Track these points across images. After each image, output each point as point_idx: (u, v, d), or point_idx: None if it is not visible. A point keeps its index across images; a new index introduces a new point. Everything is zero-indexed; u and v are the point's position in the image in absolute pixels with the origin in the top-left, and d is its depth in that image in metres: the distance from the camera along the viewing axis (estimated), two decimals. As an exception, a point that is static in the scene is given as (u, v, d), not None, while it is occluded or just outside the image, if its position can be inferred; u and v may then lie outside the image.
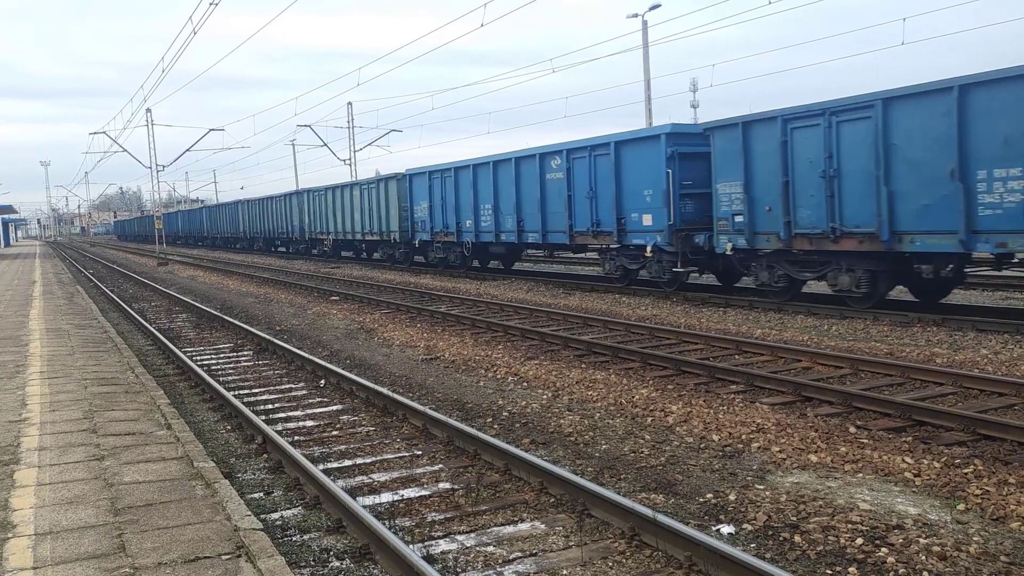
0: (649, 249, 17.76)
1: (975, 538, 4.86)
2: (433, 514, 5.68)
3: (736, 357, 10.78)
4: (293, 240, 43.38)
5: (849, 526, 5.09)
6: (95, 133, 50.58)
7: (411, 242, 29.40)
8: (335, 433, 7.99)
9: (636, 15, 33.65)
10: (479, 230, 24.67)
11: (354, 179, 34.69)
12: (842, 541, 4.89)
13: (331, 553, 5.08)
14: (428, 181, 27.33)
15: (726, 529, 5.21)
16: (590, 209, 19.56)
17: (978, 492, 5.57)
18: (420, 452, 7.18)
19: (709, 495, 5.81)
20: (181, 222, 76.03)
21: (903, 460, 6.29)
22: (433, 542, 5.20)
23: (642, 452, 6.90)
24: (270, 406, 9.24)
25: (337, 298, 20.60)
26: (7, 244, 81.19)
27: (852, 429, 7.24)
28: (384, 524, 5.16)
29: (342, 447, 7.47)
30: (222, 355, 12.97)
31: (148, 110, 50.31)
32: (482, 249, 25.66)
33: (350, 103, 52.94)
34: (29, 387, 9.44)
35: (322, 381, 10.35)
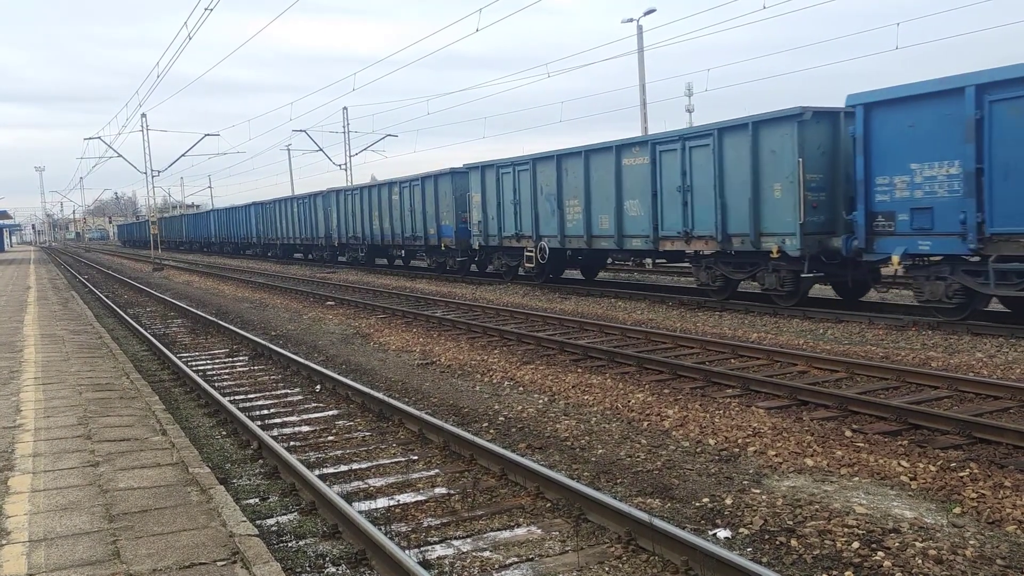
0: (776, 250, 14.54)
1: (971, 541, 4.86)
2: (429, 519, 5.67)
3: (732, 361, 10.79)
4: (316, 246, 39.74)
5: (845, 530, 5.09)
6: (90, 138, 50.61)
7: (468, 248, 25.43)
8: (331, 438, 7.98)
9: (631, 20, 33.72)
10: (565, 234, 20.41)
11: (392, 178, 31.27)
12: (838, 545, 4.89)
13: (327, 559, 5.06)
14: (496, 175, 22.99)
15: (723, 533, 5.21)
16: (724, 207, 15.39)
17: (974, 495, 5.57)
18: (416, 457, 7.17)
19: (705, 499, 5.80)
20: (187, 226, 71.38)
21: (899, 464, 6.29)
22: (429, 547, 5.18)
23: (638, 456, 6.90)
24: (265, 411, 9.22)
25: (333, 303, 20.57)
26: (1, 250, 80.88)
27: (848, 433, 7.24)
28: (380, 529, 5.14)
29: (338, 452, 7.45)
30: (217, 360, 12.94)
31: (143, 115, 50.20)
32: (561, 256, 21.90)
33: (345, 108, 53.04)
34: (23, 393, 9.40)
35: (318, 386, 10.33)
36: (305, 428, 8.43)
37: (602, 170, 18.82)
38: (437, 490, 6.28)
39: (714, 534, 5.20)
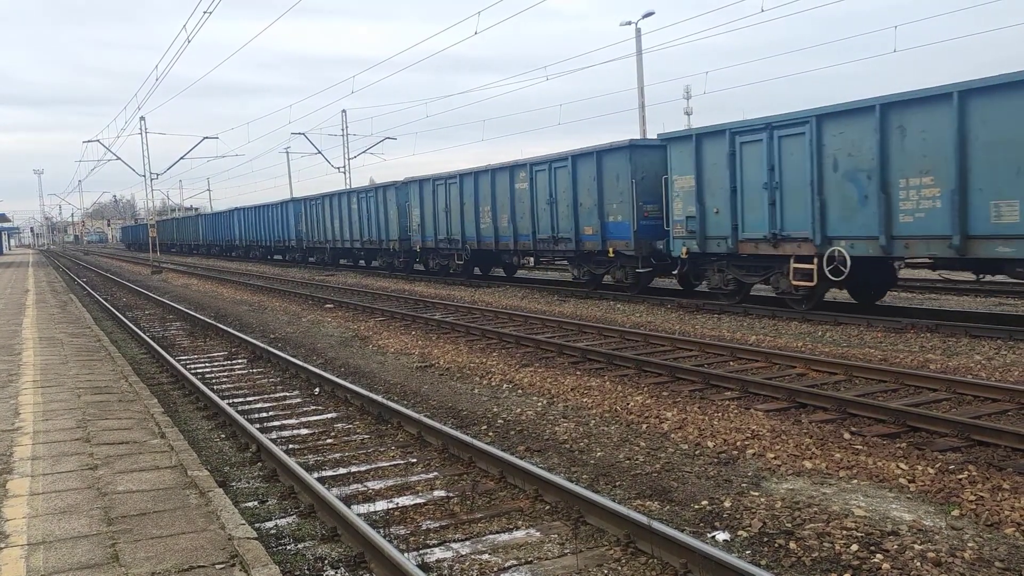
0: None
1: (970, 544, 4.87)
2: (428, 522, 5.67)
3: (731, 364, 10.79)
4: (386, 250, 31.52)
5: (844, 532, 5.09)
6: (89, 141, 50.61)
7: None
8: (329, 441, 7.98)
9: (630, 23, 33.79)
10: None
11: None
12: (837, 547, 4.90)
13: (326, 562, 5.06)
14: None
15: (721, 536, 5.21)
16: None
17: (972, 498, 5.58)
18: (415, 460, 7.16)
19: (704, 502, 5.81)
20: (203, 228, 64.51)
21: (897, 466, 6.30)
22: (428, 550, 5.18)
23: (637, 459, 6.90)
24: (264, 414, 9.22)
25: (331, 306, 20.57)
26: (0, 253, 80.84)
27: (847, 435, 7.25)
28: (379, 532, 5.14)
29: (337, 455, 7.45)
30: (216, 363, 12.94)
31: (142, 118, 50.19)
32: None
33: (344, 111, 53.08)
34: (22, 396, 9.40)
35: (316, 389, 10.33)
36: (304, 431, 8.43)
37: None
38: (436, 493, 6.28)
39: (713, 536, 5.20)
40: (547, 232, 20.98)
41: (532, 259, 25.84)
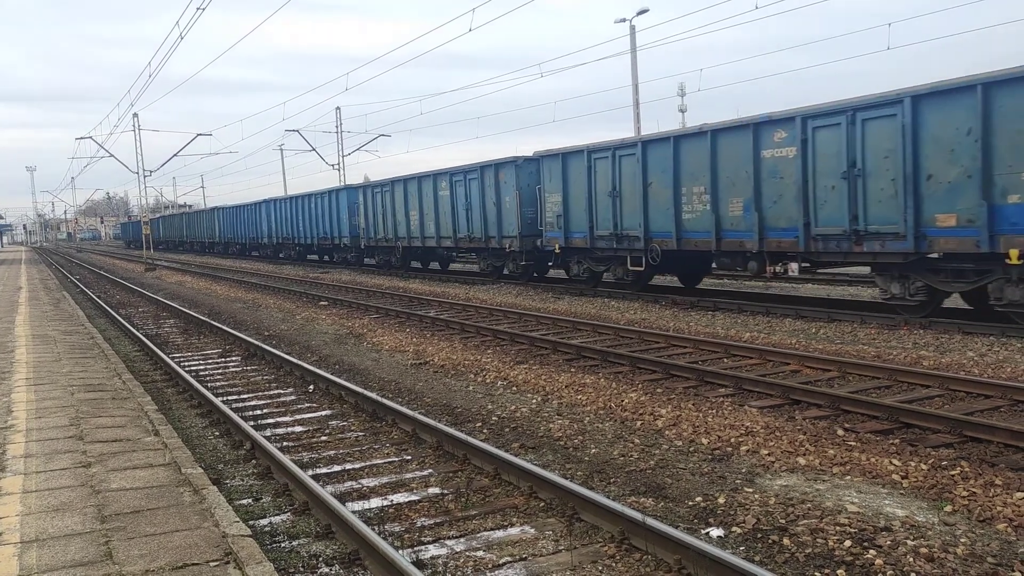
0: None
1: (962, 539, 4.89)
2: (423, 519, 5.67)
3: (725, 360, 10.82)
4: (495, 250, 25.17)
5: (837, 528, 5.11)
6: (81, 138, 50.39)
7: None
8: (324, 438, 7.97)
9: (624, 20, 33.79)
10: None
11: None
12: (830, 543, 4.91)
13: (320, 559, 5.06)
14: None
15: (715, 532, 5.23)
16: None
17: (965, 494, 5.60)
18: (409, 457, 7.16)
19: (698, 498, 5.82)
20: (220, 224, 56.89)
21: (891, 462, 6.32)
22: (423, 547, 5.19)
23: (631, 456, 6.91)
24: (258, 412, 9.21)
25: (326, 303, 20.55)
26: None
27: (840, 432, 7.27)
28: (373, 529, 5.14)
29: (331, 452, 7.45)
30: (210, 361, 12.91)
31: (135, 115, 49.99)
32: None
33: (338, 108, 52.90)
34: (15, 394, 9.37)
35: (311, 386, 10.32)
36: (298, 428, 8.42)
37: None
38: (431, 490, 6.28)
39: (707, 533, 5.22)
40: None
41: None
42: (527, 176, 21.77)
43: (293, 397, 9.92)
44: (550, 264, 22.17)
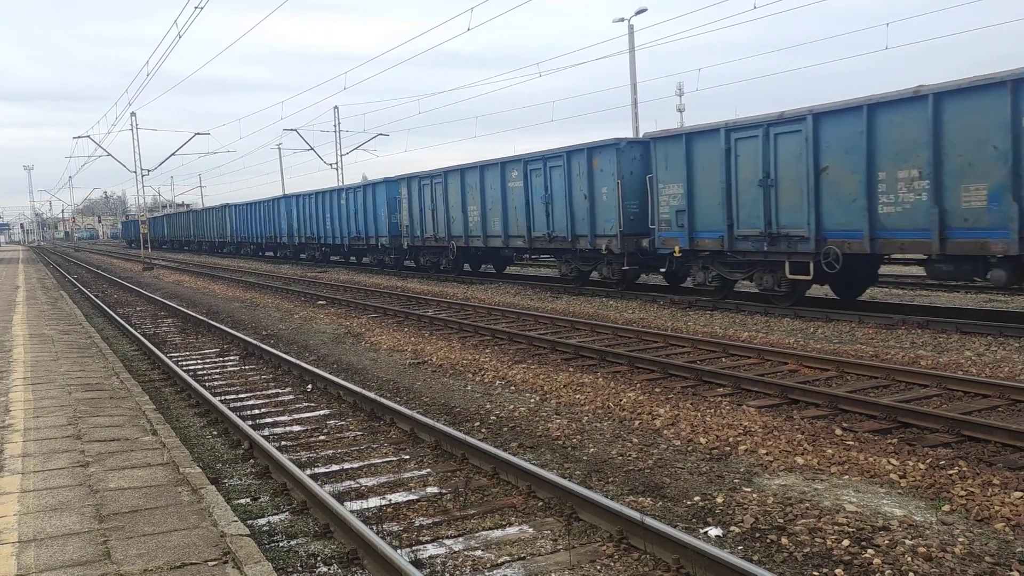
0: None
1: (960, 539, 4.89)
2: (421, 519, 5.67)
3: (723, 360, 10.82)
4: (590, 253, 21.29)
5: (835, 528, 5.12)
6: (79, 137, 50.37)
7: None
8: (322, 438, 7.97)
9: (623, 19, 33.79)
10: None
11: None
12: (829, 543, 4.92)
13: (319, 559, 5.06)
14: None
15: (714, 532, 5.23)
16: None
17: (963, 493, 5.61)
18: (408, 456, 7.16)
19: (697, 498, 5.82)
20: (232, 222, 51.52)
21: (888, 462, 6.33)
22: (421, 547, 5.18)
23: (630, 455, 6.91)
24: (256, 411, 9.20)
25: (324, 302, 20.53)
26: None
27: (838, 431, 7.28)
28: (372, 529, 5.14)
29: (329, 452, 7.44)
30: (208, 360, 12.90)
31: (133, 114, 49.99)
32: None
33: (336, 107, 52.86)
34: (12, 393, 9.35)
35: (309, 386, 10.32)
36: (296, 428, 8.42)
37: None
38: (429, 489, 6.28)
39: (705, 532, 5.22)
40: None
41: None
42: (630, 163, 17.83)
43: (291, 396, 9.92)
44: (662, 270, 18.03)
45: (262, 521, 5.74)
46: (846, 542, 4.89)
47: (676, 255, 16.67)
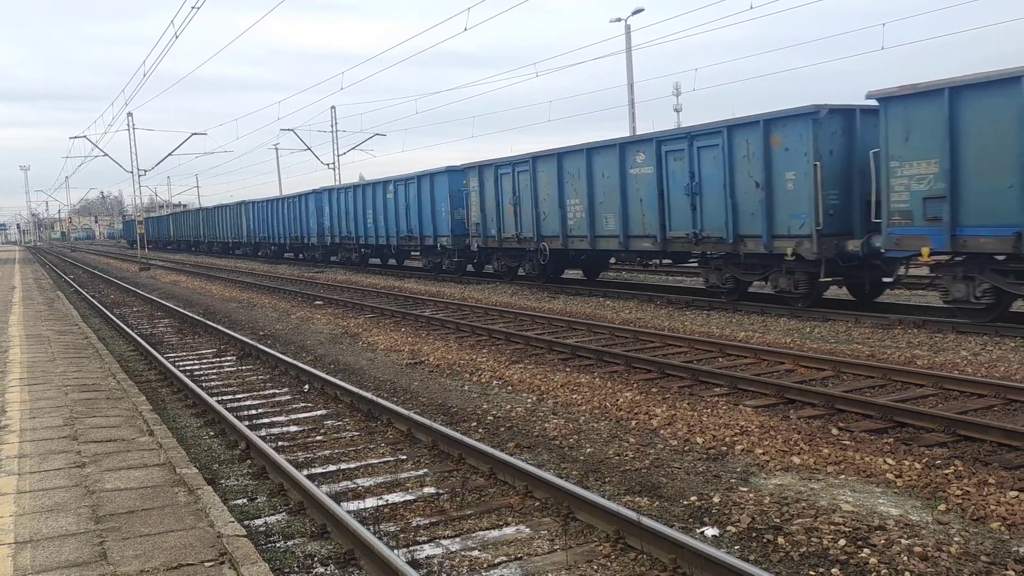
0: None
1: (956, 538, 4.90)
2: (418, 519, 5.67)
3: (720, 360, 10.83)
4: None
5: (832, 527, 5.12)
6: (76, 137, 50.27)
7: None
8: (319, 438, 7.96)
9: (619, 19, 33.81)
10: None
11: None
12: (825, 542, 4.92)
13: (315, 559, 5.06)
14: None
15: (710, 531, 5.24)
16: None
17: (959, 492, 5.62)
18: (405, 457, 7.16)
19: (693, 497, 5.83)
20: (253, 219, 46.68)
21: (885, 461, 6.34)
22: (418, 547, 5.18)
23: (627, 455, 6.92)
24: (253, 411, 9.19)
25: (321, 303, 20.52)
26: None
27: (834, 431, 7.29)
28: (369, 529, 5.14)
29: (326, 452, 7.44)
30: (205, 360, 12.89)
31: (129, 114, 49.89)
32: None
33: (333, 107, 52.82)
34: (9, 394, 9.34)
35: (306, 386, 10.31)
36: (293, 428, 8.41)
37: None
38: (426, 490, 6.28)
39: (702, 532, 5.22)
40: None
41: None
42: (828, 138, 13.43)
43: (288, 397, 9.91)
44: (888, 281, 14.34)
45: (259, 522, 5.73)
46: (842, 542, 4.90)
47: (925, 258, 12.30)
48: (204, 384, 10.68)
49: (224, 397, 9.89)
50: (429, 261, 27.64)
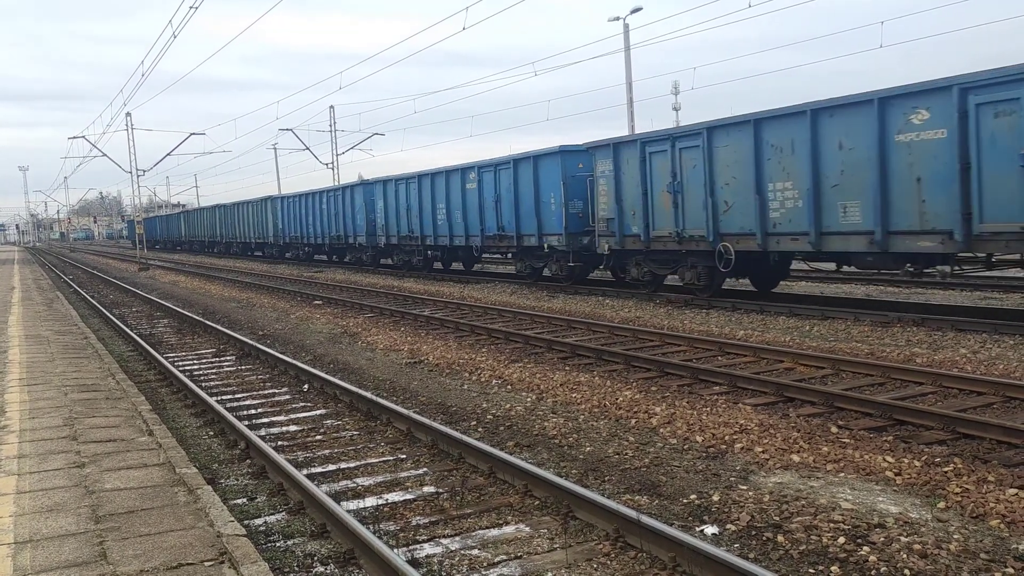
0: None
1: (955, 536, 4.91)
2: (418, 518, 5.67)
3: (719, 358, 10.83)
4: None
5: (831, 525, 5.13)
6: (74, 137, 50.21)
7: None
8: (319, 438, 7.96)
9: (618, 18, 33.80)
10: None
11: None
12: (824, 540, 4.93)
13: (315, 558, 5.06)
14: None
15: (710, 530, 5.24)
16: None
17: (958, 490, 5.62)
18: (404, 456, 7.16)
19: (693, 496, 5.83)
20: (282, 216, 41.31)
21: (884, 459, 6.34)
22: (418, 546, 5.19)
23: (626, 454, 6.92)
24: (253, 411, 9.19)
25: (320, 302, 20.52)
26: (-15, 250, 79.99)
27: (834, 429, 7.29)
28: (369, 528, 5.14)
29: (326, 452, 7.44)
30: (204, 360, 12.89)
31: (128, 114, 49.93)
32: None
33: (332, 107, 52.81)
34: (8, 394, 9.34)
35: (305, 386, 10.31)
36: (293, 428, 8.41)
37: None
38: (426, 489, 6.28)
39: (701, 531, 5.23)
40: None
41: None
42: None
43: (288, 396, 9.91)
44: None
45: (259, 521, 5.73)
46: (842, 539, 4.91)
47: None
48: (203, 384, 10.68)
49: (223, 397, 9.89)
50: (527, 265, 22.18)
